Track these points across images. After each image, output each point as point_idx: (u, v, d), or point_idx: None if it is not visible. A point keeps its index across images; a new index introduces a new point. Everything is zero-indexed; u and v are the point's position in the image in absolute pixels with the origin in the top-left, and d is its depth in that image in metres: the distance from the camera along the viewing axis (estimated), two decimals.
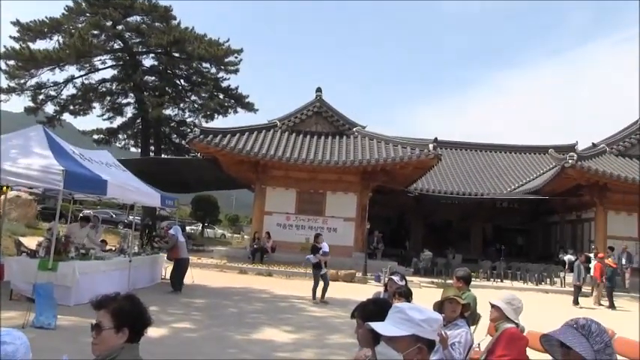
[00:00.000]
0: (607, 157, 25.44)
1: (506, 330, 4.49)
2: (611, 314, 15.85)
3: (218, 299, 13.05)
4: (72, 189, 10.92)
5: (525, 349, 4.53)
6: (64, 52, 30.01)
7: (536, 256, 29.88)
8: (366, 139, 25.37)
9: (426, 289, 18.64)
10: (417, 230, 32.56)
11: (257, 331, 9.47)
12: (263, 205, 24.55)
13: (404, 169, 23.65)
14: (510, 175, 31.73)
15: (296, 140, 25.25)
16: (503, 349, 4.39)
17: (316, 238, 14.56)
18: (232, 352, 7.81)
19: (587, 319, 2.64)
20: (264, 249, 22.84)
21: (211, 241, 37.60)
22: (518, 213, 32.01)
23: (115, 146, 37.51)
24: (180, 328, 9.23)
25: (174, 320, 9.85)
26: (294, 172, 24.15)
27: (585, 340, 2.50)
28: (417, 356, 2.26)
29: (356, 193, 24.39)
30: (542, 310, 13.68)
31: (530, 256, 30.20)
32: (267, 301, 13.56)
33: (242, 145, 23.60)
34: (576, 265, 18.24)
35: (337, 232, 24.00)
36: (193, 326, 9.55)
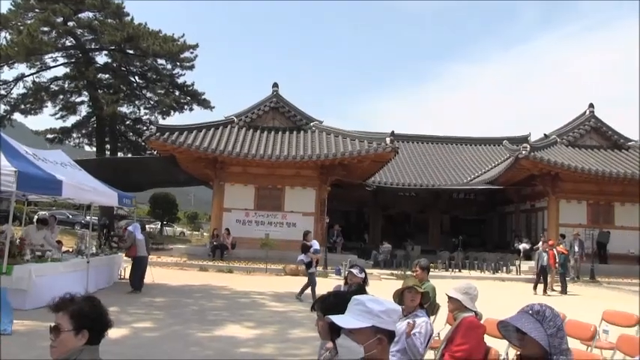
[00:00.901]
0: (558, 147, 26.19)
1: (465, 319, 4.58)
2: (563, 299, 16.35)
3: (179, 297, 12.93)
4: (25, 190, 10.60)
5: (483, 337, 4.65)
6: (12, 50, 29.07)
7: (493, 245, 30.49)
8: (323, 134, 25.43)
9: (386, 280, 18.83)
10: (376, 223, 32.86)
11: (219, 328, 9.42)
12: (222, 201, 24.39)
13: (361, 162, 23.80)
14: (467, 166, 32.30)
15: (253, 136, 25.14)
16: (462, 337, 4.48)
17: (305, 236, 14.41)
18: (194, 350, 7.76)
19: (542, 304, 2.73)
20: (224, 246, 22.69)
21: (170, 239, 37.15)
22: (475, 204, 32.67)
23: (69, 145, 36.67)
24: (142, 328, 9.11)
25: (134, 320, 9.72)
26: (252, 168, 24.06)
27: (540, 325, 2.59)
28: (377, 347, 2.29)
29: (314, 187, 24.46)
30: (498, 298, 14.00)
31: (487, 246, 30.77)
32: (228, 297, 13.49)
33: (199, 142, 23.38)
34: (538, 252, 18.61)
35: (297, 226, 23.97)
36: (154, 325, 9.45)
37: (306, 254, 13.80)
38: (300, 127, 26.06)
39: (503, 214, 32.30)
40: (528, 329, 2.56)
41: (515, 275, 22.53)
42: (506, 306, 11.35)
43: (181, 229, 50.97)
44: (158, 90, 35.98)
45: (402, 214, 33.61)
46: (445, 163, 32.92)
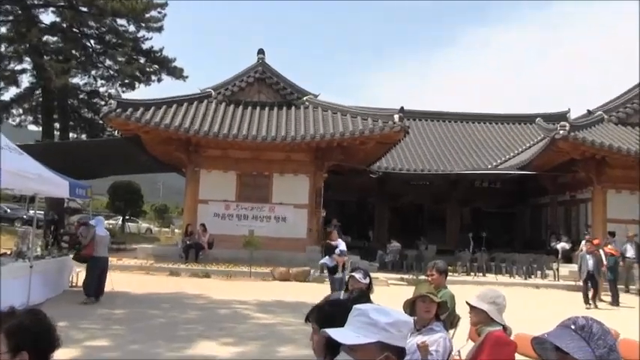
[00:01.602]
0: (605, 126, 25.91)
1: (491, 334, 4.52)
2: (615, 312, 16.30)
3: (144, 308, 12.89)
4: None
5: (513, 355, 4.60)
6: None
7: (524, 244, 30.57)
8: (318, 110, 25.36)
9: (395, 287, 18.86)
10: (383, 217, 32.90)
11: (192, 346, 9.39)
12: (196, 191, 24.35)
13: (365, 144, 23.76)
14: (491, 149, 32.30)
15: (235, 113, 25.04)
16: (488, 356, 4.42)
17: (329, 234, 14.46)
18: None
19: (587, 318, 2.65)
20: (199, 245, 22.67)
21: (134, 237, 37.10)
22: (502, 194, 32.70)
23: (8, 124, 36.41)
24: (97, 347, 9.05)
25: (88, 337, 9.65)
26: (234, 150, 24.02)
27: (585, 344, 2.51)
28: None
29: (308, 174, 24.44)
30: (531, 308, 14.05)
31: (517, 245, 30.83)
32: (205, 307, 13.47)
33: (170, 120, 23.24)
34: (581, 255, 18.29)
35: (287, 221, 24.03)
36: (113, 343, 9.39)
37: (331, 256, 13.62)
38: (291, 102, 25.97)
39: (537, 206, 32.35)
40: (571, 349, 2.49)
41: (552, 281, 22.53)
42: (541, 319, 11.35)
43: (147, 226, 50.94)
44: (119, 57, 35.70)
45: (414, 206, 33.63)
46: (465, 144, 32.93)
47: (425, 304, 4.79)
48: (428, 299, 4.80)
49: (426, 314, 4.78)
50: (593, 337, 2.53)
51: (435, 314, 4.85)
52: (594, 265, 17.40)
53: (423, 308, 4.79)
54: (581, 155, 24.06)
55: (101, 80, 37.64)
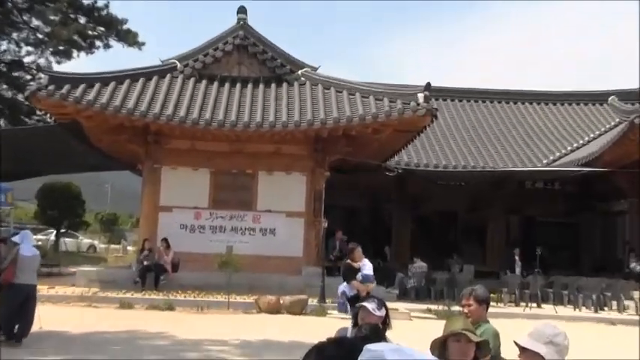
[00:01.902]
0: None
1: None
2: None
3: (83, 354, 12.84)
4: None
5: None
6: None
7: (593, 265, 30.51)
8: (318, 88, 25.36)
9: (419, 320, 18.88)
10: (403, 229, 32.87)
11: None
12: (157, 196, 24.36)
13: (379, 133, 23.81)
14: (547, 138, 32.32)
15: (208, 91, 25.04)
16: None
17: (351, 252, 14.24)
18: None
19: None
20: (160, 267, 22.67)
21: (73, 257, 37.06)
22: (562, 197, 32.70)
23: None
24: None
25: None
26: (207, 142, 24.08)
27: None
28: None
29: (305, 172, 24.51)
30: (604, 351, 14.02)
31: (584, 266, 30.78)
32: (168, 351, 13.47)
33: (120, 101, 23.20)
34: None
35: (277, 235, 24.09)
36: None
37: (350, 283, 13.44)
38: (282, 77, 25.95)
39: (610, 214, 32.26)
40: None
41: (632, 315, 22.49)
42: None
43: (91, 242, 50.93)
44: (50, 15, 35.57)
45: (444, 214, 33.65)
46: (512, 132, 32.95)
47: (460, 345, 4.78)
48: (464, 338, 4.79)
49: (463, 357, 4.79)
50: None
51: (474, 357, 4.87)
52: None
53: (457, 350, 4.78)
54: None
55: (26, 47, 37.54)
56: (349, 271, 13.60)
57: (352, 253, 14.13)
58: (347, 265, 13.82)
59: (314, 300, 20.82)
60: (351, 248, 14.52)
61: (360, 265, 13.65)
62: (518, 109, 35.50)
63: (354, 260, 13.79)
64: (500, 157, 30.19)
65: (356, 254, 14.03)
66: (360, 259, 13.85)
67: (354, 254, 14.02)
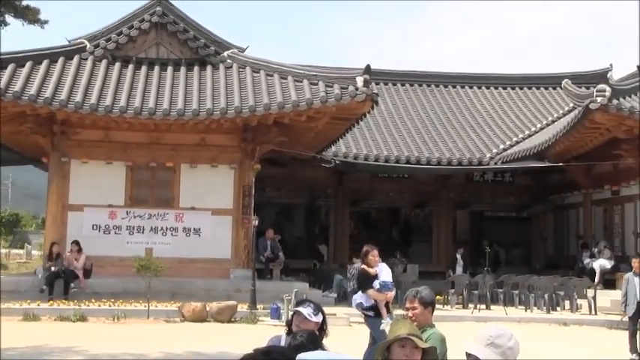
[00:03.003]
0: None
1: None
2: None
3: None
4: None
5: None
6: None
7: (546, 262, 31.03)
8: (246, 71, 25.31)
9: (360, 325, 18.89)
10: (341, 226, 32.94)
11: None
12: (66, 193, 24.08)
13: (314, 120, 23.88)
14: (497, 126, 32.68)
15: (122, 75, 24.82)
16: None
17: (365, 256, 13.32)
18: None
19: None
20: (70, 273, 22.41)
21: None
22: (512, 190, 33.18)
23: None
24: None
25: None
26: (121, 132, 23.94)
27: None
28: None
29: (232, 165, 24.50)
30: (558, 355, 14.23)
31: (536, 264, 31.30)
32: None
33: (21, 87, 22.88)
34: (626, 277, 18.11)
35: (202, 235, 24.09)
36: None
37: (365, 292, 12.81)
38: (206, 58, 25.85)
39: (562, 207, 32.83)
40: None
41: (586, 315, 22.86)
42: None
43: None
44: None
45: (386, 210, 33.89)
46: (457, 119, 33.27)
47: (404, 351, 4.76)
48: (410, 343, 4.78)
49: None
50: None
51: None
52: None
53: (402, 356, 4.77)
54: (628, 133, 24.51)
55: None
56: (365, 278, 12.91)
57: (366, 256, 13.28)
58: (362, 271, 13.15)
59: (244, 306, 20.79)
60: (365, 251, 13.49)
61: (377, 271, 12.94)
62: (466, 93, 35.80)
63: (369, 265, 13.03)
64: (446, 147, 30.39)
65: (371, 258, 13.18)
66: (375, 264, 13.10)
67: (369, 258, 13.20)
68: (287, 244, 28.26)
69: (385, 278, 12.88)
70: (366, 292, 12.58)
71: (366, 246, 13.52)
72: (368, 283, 12.62)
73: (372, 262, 12.95)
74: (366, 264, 12.98)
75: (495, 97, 35.58)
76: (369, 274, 12.76)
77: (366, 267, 12.95)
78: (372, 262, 12.95)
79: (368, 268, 12.89)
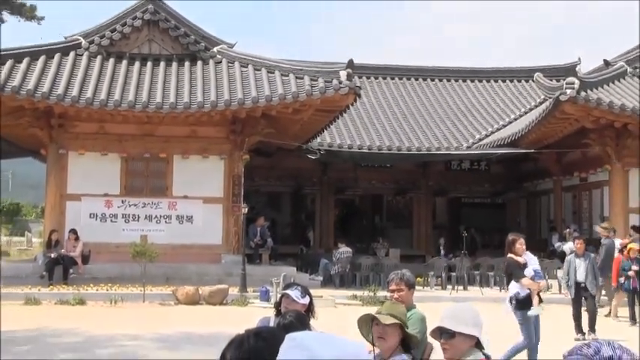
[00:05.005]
0: (628, 82, 26.47)
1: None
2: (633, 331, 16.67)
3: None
4: None
5: None
6: None
7: None
8: (235, 66, 25.27)
9: (345, 307, 19.00)
10: (327, 213, 32.99)
11: None
12: (63, 183, 24.02)
13: (300, 113, 23.86)
14: (474, 117, 32.73)
15: (116, 70, 24.74)
16: None
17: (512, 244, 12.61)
18: None
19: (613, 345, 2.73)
20: (68, 259, 22.35)
21: None
22: (488, 178, 33.26)
23: None
24: None
25: None
26: (116, 124, 23.83)
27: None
28: None
29: (222, 156, 24.46)
30: None
31: None
32: (80, 348, 13.30)
33: (19, 81, 22.76)
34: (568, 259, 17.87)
35: (194, 222, 24.09)
36: None
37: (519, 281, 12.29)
38: (197, 54, 25.79)
39: (534, 193, 33.02)
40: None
41: (556, 294, 22.96)
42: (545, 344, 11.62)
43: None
44: None
45: (369, 197, 33.90)
46: (436, 111, 33.26)
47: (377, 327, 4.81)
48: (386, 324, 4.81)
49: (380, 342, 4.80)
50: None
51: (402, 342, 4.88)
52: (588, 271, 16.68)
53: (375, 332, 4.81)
54: (596, 123, 24.62)
55: None
56: (515, 267, 12.41)
57: (513, 245, 12.66)
58: (511, 261, 12.52)
59: (235, 289, 20.85)
60: (512, 240, 12.84)
61: (525, 259, 12.50)
62: (444, 86, 35.81)
63: (516, 254, 12.50)
64: (426, 137, 30.41)
65: (518, 247, 12.60)
66: (523, 252, 12.57)
67: (516, 247, 12.62)
68: (275, 231, 28.26)
69: (536, 266, 12.66)
70: (519, 281, 12.15)
71: (512, 234, 12.81)
72: (519, 272, 12.21)
73: (519, 250, 12.45)
74: (514, 253, 12.45)
75: (472, 89, 35.61)
76: (520, 263, 12.34)
77: (514, 256, 12.45)
78: (519, 250, 12.45)
79: (516, 257, 12.43)
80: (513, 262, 12.37)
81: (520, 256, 12.36)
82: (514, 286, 12.29)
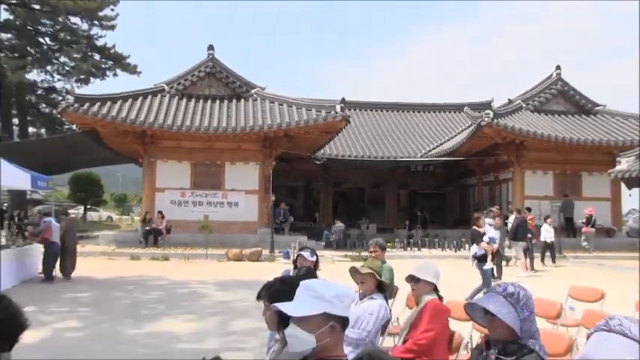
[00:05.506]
0: (523, 113, 26.86)
1: (429, 303, 4.68)
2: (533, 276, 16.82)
3: (108, 291, 12.71)
4: None
5: (448, 320, 4.77)
6: None
7: (454, 221, 31.21)
8: (266, 102, 25.25)
9: (339, 263, 19.02)
10: (327, 200, 33.03)
11: (154, 323, 9.33)
12: (153, 181, 24.02)
13: (309, 133, 23.81)
14: (425, 136, 32.67)
15: (187, 106, 24.75)
16: (429, 322, 4.58)
17: (476, 220, 12.90)
18: (125, 349, 7.65)
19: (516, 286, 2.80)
20: (157, 231, 22.41)
21: (96, 225, 36.42)
22: (435, 176, 33.24)
23: None
24: (65, 328, 8.91)
25: (56, 320, 9.49)
26: (187, 141, 23.75)
27: (513, 309, 2.65)
28: (330, 335, 2.30)
29: (257, 162, 24.37)
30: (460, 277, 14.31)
31: (448, 222, 31.51)
32: (165, 288, 13.37)
33: (125, 114, 22.79)
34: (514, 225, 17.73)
35: (239, 206, 24.00)
36: (80, 324, 9.26)
37: (478, 245, 12.37)
38: (240, 94, 25.79)
39: (465, 186, 33.00)
40: (502, 314, 2.61)
41: None
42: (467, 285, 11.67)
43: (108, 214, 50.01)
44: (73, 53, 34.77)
45: (355, 189, 33.90)
46: (401, 132, 33.20)
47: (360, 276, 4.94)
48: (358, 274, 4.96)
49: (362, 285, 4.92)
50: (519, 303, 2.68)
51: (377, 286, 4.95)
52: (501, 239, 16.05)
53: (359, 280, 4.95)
54: (503, 140, 24.91)
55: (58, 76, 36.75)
56: (477, 235, 12.49)
57: (477, 221, 12.91)
58: (474, 231, 12.66)
59: (266, 251, 20.86)
60: (477, 217, 13.22)
61: (484, 230, 12.66)
62: (405, 115, 35.66)
63: (479, 226, 12.68)
64: (393, 149, 30.34)
65: (480, 222, 12.87)
66: (482, 225, 12.76)
67: (479, 221, 12.85)
68: (293, 212, 28.21)
69: (492, 235, 12.73)
70: (479, 244, 12.24)
71: (477, 213, 13.70)
72: (479, 238, 12.32)
73: (480, 224, 12.68)
74: (477, 225, 12.63)
75: (424, 117, 35.49)
76: (479, 232, 12.50)
77: (477, 228, 12.59)
78: (480, 224, 12.68)
79: (478, 228, 12.58)
80: (475, 232, 12.57)
81: (481, 228, 12.56)
82: (474, 247, 12.41)
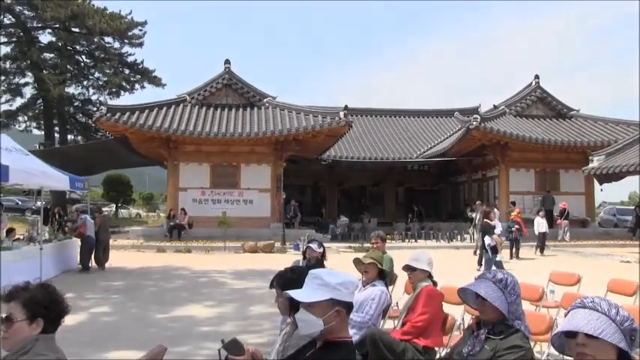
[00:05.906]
0: (507, 117, 26.83)
1: (424, 288, 4.73)
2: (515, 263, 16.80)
3: (137, 280, 12.76)
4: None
5: (442, 304, 4.81)
6: None
7: (447, 215, 31.14)
8: (277, 110, 25.26)
9: (344, 253, 19.01)
10: (333, 197, 32.99)
11: (178, 308, 9.36)
12: (177, 181, 24.07)
13: (316, 137, 23.77)
14: (420, 138, 32.63)
15: (207, 114, 24.79)
16: (424, 306, 4.63)
17: (488, 214, 12.64)
18: (153, 332, 7.69)
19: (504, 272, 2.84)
20: (180, 226, 22.46)
21: (126, 221, 36.56)
22: (429, 175, 33.17)
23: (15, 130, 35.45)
24: (99, 313, 8.97)
25: (92, 305, 9.55)
26: (207, 146, 23.78)
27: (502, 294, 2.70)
28: (336, 319, 2.32)
29: (269, 164, 24.36)
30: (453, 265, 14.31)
31: (441, 216, 31.43)
32: (188, 277, 13.39)
33: (152, 122, 22.89)
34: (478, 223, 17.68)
35: (253, 203, 24.02)
36: (112, 309, 9.31)
37: (491, 237, 12.17)
38: (254, 103, 25.80)
39: (456, 183, 32.90)
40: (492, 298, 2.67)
41: (468, 243, 22.96)
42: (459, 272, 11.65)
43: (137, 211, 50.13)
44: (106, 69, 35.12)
45: (358, 187, 33.84)
46: (398, 135, 33.16)
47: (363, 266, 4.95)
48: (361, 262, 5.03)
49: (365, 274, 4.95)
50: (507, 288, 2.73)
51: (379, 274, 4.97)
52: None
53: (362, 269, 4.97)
54: (490, 141, 24.83)
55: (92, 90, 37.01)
56: (489, 228, 12.31)
57: (489, 214, 12.71)
58: (485, 223, 12.44)
59: (278, 243, 20.86)
60: (487, 210, 13.04)
61: (495, 224, 12.44)
62: (402, 120, 35.59)
63: (490, 219, 12.50)
64: (392, 151, 30.34)
65: (491, 215, 12.68)
66: (494, 219, 12.53)
67: (490, 215, 12.64)
68: (302, 208, 28.21)
69: (500, 228, 12.62)
70: (491, 236, 12.15)
71: (487, 207, 13.57)
72: (491, 231, 12.22)
73: (492, 217, 12.59)
74: (489, 219, 12.51)
75: (419, 122, 35.43)
76: (491, 225, 12.40)
77: (489, 221, 12.47)
78: (492, 217, 12.59)
79: (490, 221, 12.46)
80: (487, 224, 12.47)
81: (492, 221, 12.53)
82: (487, 239, 12.28)
